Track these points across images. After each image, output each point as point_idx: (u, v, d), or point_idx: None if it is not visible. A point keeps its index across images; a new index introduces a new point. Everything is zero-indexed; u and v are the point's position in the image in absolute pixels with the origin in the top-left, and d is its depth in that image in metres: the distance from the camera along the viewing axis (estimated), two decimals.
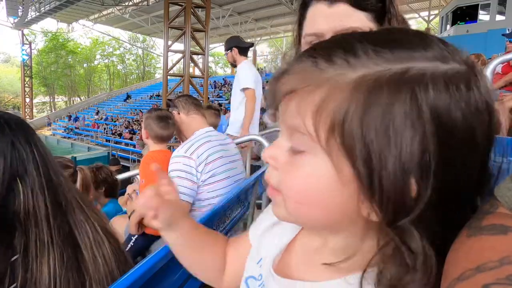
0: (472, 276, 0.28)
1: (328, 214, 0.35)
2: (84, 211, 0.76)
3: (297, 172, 0.35)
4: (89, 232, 0.74)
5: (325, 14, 0.75)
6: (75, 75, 44.50)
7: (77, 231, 0.73)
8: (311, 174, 0.34)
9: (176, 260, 0.97)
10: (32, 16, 25.88)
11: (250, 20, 26.40)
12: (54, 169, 0.75)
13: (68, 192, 0.76)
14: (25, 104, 31.89)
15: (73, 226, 0.72)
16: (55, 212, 0.70)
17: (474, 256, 0.30)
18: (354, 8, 0.74)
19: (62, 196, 0.73)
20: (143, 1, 23.08)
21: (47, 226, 0.68)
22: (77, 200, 0.77)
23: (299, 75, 0.34)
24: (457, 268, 0.30)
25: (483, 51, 7.19)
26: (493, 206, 0.35)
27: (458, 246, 0.33)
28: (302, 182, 0.35)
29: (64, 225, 0.71)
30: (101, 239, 0.75)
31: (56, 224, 0.69)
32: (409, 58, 0.31)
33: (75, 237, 0.72)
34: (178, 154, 1.71)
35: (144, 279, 0.71)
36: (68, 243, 0.70)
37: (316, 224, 0.38)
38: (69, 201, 0.74)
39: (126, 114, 25.09)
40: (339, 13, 0.74)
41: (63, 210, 0.72)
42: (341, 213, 0.35)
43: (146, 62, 47.75)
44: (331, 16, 0.75)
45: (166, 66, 12.84)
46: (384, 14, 0.76)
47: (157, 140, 1.92)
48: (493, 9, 14.78)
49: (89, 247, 0.72)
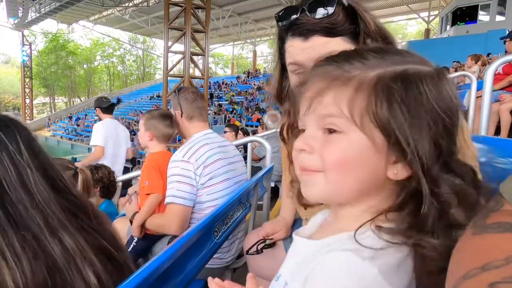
0: (478, 274, 0.28)
1: (364, 176, 0.45)
2: (71, 228, 0.72)
3: (337, 146, 0.45)
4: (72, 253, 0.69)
5: (301, 48, 0.80)
6: (75, 76, 44.54)
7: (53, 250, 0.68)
8: (349, 145, 0.44)
9: (178, 262, 0.97)
10: (32, 17, 25.90)
11: (250, 21, 26.42)
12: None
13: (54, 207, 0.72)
14: (25, 105, 31.89)
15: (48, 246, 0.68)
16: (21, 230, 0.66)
17: (479, 254, 0.30)
18: (328, 37, 0.78)
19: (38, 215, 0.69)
20: (143, 2, 23.10)
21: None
22: (66, 217, 0.72)
23: (328, 75, 0.46)
24: (462, 267, 0.30)
25: (483, 51, 7.21)
26: (498, 204, 0.35)
27: (463, 244, 0.33)
28: (343, 152, 0.44)
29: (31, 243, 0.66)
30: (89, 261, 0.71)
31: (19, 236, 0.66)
32: (404, 61, 0.46)
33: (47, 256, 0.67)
34: (177, 159, 1.69)
35: (147, 283, 0.71)
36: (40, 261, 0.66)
37: (351, 189, 0.46)
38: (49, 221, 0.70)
39: (127, 115, 25.08)
40: (314, 45, 0.79)
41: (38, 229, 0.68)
42: (373, 174, 0.45)
43: (146, 63, 47.79)
44: (307, 49, 0.79)
45: (166, 67, 12.85)
46: (358, 33, 0.79)
47: (162, 139, 1.91)
48: (493, 9, 14.78)
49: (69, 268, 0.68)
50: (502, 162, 1.10)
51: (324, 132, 0.46)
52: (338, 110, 0.44)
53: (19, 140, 0.74)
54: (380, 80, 0.43)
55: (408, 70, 0.44)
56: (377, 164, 0.44)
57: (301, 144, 0.47)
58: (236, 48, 39.38)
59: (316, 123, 0.47)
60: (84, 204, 0.79)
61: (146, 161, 1.91)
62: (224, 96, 22.92)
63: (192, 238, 1.00)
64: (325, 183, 0.46)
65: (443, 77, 0.46)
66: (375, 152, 0.44)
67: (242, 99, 21.07)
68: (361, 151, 0.44)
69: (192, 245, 1.03)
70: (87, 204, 0.80)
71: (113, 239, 0.81)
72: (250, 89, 22.99)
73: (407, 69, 0.44)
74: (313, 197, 0.49)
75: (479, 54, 6.05)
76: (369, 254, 0.40)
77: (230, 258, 1.82)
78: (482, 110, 2.23)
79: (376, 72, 0.44)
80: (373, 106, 0.43)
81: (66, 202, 0.75)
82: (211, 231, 1.29)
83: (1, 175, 0.69)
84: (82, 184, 1.93)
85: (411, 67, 0.45)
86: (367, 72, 0.44)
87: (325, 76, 0.46)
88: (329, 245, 0.45)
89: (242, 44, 37.19)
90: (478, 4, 15.13)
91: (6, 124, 0.74)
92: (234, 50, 39.50)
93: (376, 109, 0.42)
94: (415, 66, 0.45)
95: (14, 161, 0.71)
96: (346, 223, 0.47)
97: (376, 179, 0.45)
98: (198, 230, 1.05)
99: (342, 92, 0.44)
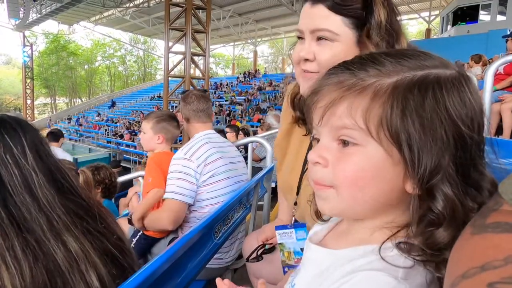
0: (477, 274, 0.28)
1: (381, 191, 0.43)
2: (75, 231, 0.72)
3: (352, 160, 0.43)
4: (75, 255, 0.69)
5: (307, 13, 0.82)
6: (76, 77, 44.56)
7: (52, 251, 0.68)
8: (366, 159, 0.42)
9: (179, 262, 0.97)
10: (33, 17, 25.94)
11: (251, 21, 26.42)
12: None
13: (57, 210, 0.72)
14: (26, 106, 31.93)
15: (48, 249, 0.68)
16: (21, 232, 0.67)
17: (478, 254, 0.30)
18: (331, 11, 0.78)
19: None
20: (143, 3, 23.12)
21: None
22: (69, 220, 0.72)
23: (340, 85, 0.44)
24: (461, 266, 0.30)
25: (484, 51, 7.18)
26: (497, 203, 0.34)
27: (462, 244, 0.33)
28: (358, 166, 0.42)
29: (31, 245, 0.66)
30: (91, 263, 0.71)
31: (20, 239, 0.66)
32: (423, 66, 0.42)
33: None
34: (178, 156, 1.73)
35: (147, 283, 0.71)
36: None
37: (366, 205, 0.44)
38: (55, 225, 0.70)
39: (128, 115, 25.11)
40: (317, 13, 0.80)
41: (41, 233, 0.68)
42: (391, 189, 0.42)
43: (147, 64, 47.80)
44: (310, 14, 0.81)
45: (167, 67, 12.86)
46: (364, 23, 0.79)
47: (171, 141, 1.96)
48: (494, 9, 14.76)
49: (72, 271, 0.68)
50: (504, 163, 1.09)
51: (339, 143, 0.44)
52: (353, 122, 0.42)
53: (25, 143, 0.73)
54: (396, 88, 0.41)
55: (427, 77, 0.41)
56: (395, 178, 0.42)
57: (315, 157, 0.45)
58: (237, 49, 39.41)
59: (330, 134, 0.45)
60: (91, 207, 0.79)
61: (149, 159, 1.93)
62: (224, 97, 22.92)
63: (192, 239, 1.00)
64: (339, 198, 0.44)
65: (468, 82, 0.42)
66: (392, 165, 0.41)
67: (242, 99, 21.07)
68: (378, 165, 0.42)
69: (193, 245, 1.03)
70: (94, 206, 0.80)
71: (119, 242, 0.81)
72: (250, 89, 22.99)
73: (427, 75, 0.41)
74: (327, 212, 0.48)
75: (481, 54, 6.03)
76: (402, 275, 0.39)
77: (230, 259, 1.83)
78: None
79: (393, 79, 0.42)
80: (388, 116, 0.40)
81: (72, 204, 0.75)
82: (212, 231, 1.29)
83: (5, 178, 0.69)
84: (83, 185, 1.94)
85: (430, 73, 0.41)
86: (383, 80, 0.42)
87: (339, 85, 0.44)
88: (350, 259, 0.43)
89: (242, 45, 37.20)
90: (479, 4, 15.11)
91: (12, 127, 0.74)
92: (235, 51, 39.52)
93: (391, 119, 0.40)
94: (435, 70, 0.42)
95: (19, 165, 0.71)
96: (364, 235, 0.46)
97: (393, 194, 0.43)
98: (198, 230, 1.05)
99: (357, 102, 0.42)
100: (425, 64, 0.42)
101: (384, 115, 0.40)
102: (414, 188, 0.41)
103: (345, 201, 0.44)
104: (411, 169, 0.40)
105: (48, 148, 0.79)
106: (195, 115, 1.88)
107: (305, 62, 0.83)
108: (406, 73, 0.42)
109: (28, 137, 0.75)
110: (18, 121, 0.76)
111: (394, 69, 0.42)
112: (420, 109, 0.39)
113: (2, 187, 0.69)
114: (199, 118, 1.88)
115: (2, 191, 0.69)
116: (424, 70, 0.42)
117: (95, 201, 0.83)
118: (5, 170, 0.70)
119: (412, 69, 0.42)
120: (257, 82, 24.60)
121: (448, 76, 0.41)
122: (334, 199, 0.45)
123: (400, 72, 0.42)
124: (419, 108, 0.40)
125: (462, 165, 0.40)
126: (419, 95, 0.40)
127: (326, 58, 0.80)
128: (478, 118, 0.42)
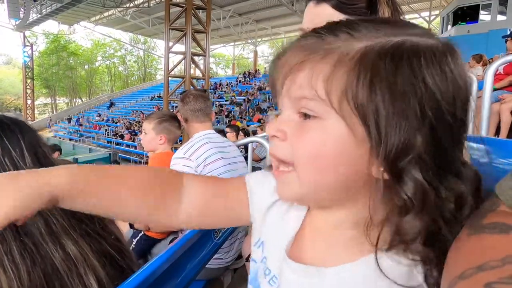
0: (474, 274, 0.28)
1: (343, 176, 0.37)
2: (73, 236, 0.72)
3: (311, 135, 0.37)
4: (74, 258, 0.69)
5: (311, 12, 0.83)
6: (77, 77, 44.57)
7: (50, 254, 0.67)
8: (325, 135, 0.36)
9: (178, 262, 0.97)
10: (33, 18, 25.94)
11: (251, 21, 26.41)
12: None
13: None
14: (27, 106, 31.95)
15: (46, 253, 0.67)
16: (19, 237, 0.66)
17: (475, 255, 0.30)
18: (335, 10, 0.79)
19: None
20: (144, 3, 23.12)
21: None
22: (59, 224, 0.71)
23: (306, 47, 0.38)
24: (458, 267, 0.30)
25: (484, 51, 7.17)
26: (494, 204, 0.34)
27: (459, 245, 0.33)
28: (318, 144, 0.37)
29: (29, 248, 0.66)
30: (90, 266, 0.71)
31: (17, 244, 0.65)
32: (403, 33, 0.36)
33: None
34: (178, 156, 1.74)
35: (147, 283, 0.71)
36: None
37: (329, 190, 0.39)
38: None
39: (128, 115, 25.11)
40: (321, 12, 0.80)
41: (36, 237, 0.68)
42: (354, 174, 0.37)
43: (147, 64, 47.81)
44: (314, 14, 0.82)
45: (167, 67, 12.86)
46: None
47: (173, 141, 1.96)
48: (494, 9, 14.74)
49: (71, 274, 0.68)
50: (502, 163, 1.10)
51: (300, 116, 0.38)
52: (312, 91, 0.36)
53: (23, 146, 0.73)
54: (366, 54, 0.35)
55: (403, 43, 0.35)
56: (359, 159, 0.36)
57: (272, 130, 0.40)
58: (237, 49, 39.41)
59: (291, 106, 0.39)
60: None
61: (151, 159, 1.94)
62: (224, 97, 22.92)
63: (192, 239, 1.00)
64: (299, 182, 0.39)
65: (452, 54, 0.36)
66: (356, 144, 0.36)
67: (242, 99, 21.07)
68: (339, 142, 0.36)
69: (192, 245, 1.03)
70: None
71: (118, 243, 0.81)
72: (250, 89, 22.99)
73: (404, 41, 0.35)
74: (287, 197, 0.43)
75: (481, 54, 6.03)
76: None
77: (230, 259, 1.83)
78: (482, 110, 2.23)
79: (362, 44, 0.35)
80: (353, 86, 0.34)
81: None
82: (211, 231, 1.29)
83: None
84: None
85: (410, 39, 0.35)
86: (352, 45, 0.36)
87: (302, 49, 0.38)
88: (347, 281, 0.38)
89: (243, 45, 37.20)
90: (479, 3, 15.10)
91: (10, 128, 0.73)
92: (235, 51, 39.52)
93: (356, 90, 0.34)
94: (415, 38, 0.36)
95: (17, 168, 0.70)
96: (347, 245, 0.40)
97: (358, 178, 0.37)
98: (198, 230, 1.05)
99: (318, 69, 0.36)
100: (405, 32, 0.36)
101: (349, 85, 0.35)
102: (381, 171, 0.36)
103: (306, 185, 0.39)
104: (377, 149, 0.35)
105: (47, 149, 0.78)
106: (192, 115, 1.88)
107: None
108: (381, 38, 0.35)
109: (26, 138, 0.74)
110: (16, 122, 0.76)
111: (367, 33, 0.36)
112: (391, 79, 0.34)
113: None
114: (197, 117, 1.88)
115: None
116: (402, 37, 0.35)
117: None
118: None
119: (388, 35, 0.36)
120: (257, 82, 24.59)
121: (429, 45, 0.35)
122: (295, 183, 0.39)
123: (373, 37, 0.36)
124: (391, 78, 0.34)
125: (439, 147, 0.35)
126: (392, 63, 0.34)
127: None
128: (462, 95, 0.36)
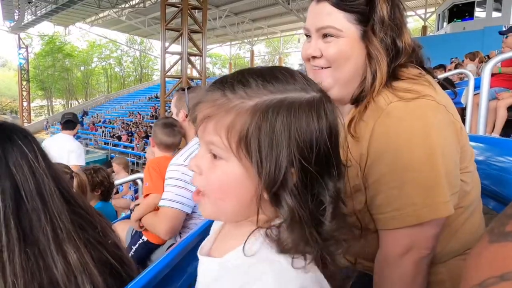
0: (496, 283, 0.27)
1: (241, 200, 0.49)
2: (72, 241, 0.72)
3: (218, 172, 0.49)
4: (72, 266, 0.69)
5: (313, 10, 0.84)
6: (73, 78, 44.39)
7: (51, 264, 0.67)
8: (227, 173, 0.48)
9: (178, 266, 0.97)
10: (28, 19, 25.81)
11: (247, 21, 26.39)
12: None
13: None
14: (23, 108, 31.80)
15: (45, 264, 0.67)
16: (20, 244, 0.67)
17: (498, 263, 0.29)
18: (334, 7, 0.80)
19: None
20: (139, 3, 23.05)
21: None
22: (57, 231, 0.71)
23: (212, 103, 0.48)
24: (478, 274, 0.29)
25: (480, 48, 7.20)
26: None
27: (480, 251, 0.32)
28: (222, 179, 0.49)
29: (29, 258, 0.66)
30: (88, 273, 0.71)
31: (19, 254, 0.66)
32: (285, 90, 0.47)
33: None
34: (177, 162, 1.66)
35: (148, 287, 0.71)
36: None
37: (233, 212, 0.51)
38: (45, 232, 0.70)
39: (125, 116, 25.05)
40: (322, 10, 0.82)
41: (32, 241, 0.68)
42: (249, 199, 0.48)
43: (144, 64, 47.68)
44: (315, 12, 0.83)
45: (164, 67, 12.84)
46: (368, 18, 0.80)
47: (162, 148, 1.90)
48: (489, 6, 14.80)
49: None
50: (500, 161, 1.10)
51: (211, 155, 0.50)
52: (218, 139, 0.47)
53: (36, 149, 0.76)
54: (256, 110, 0.46)
55: (283, 101, 0.46)
56: (252, 188, 0.47)
57: (192, 165, 0.51)
58: (234, 48, 39.35)
59: (204, 146, 0.50)
60: (91, 216, 0.79)
61: (148, 163, 1.92)
62: None
63: (192, 242, 1.00)
64: (210, 205, 0.51)
65: (320, 106, 0.48)
66: (249, 179, 0.47)
67: None
68: (237, 178, 0.48)
69: (192, 249, 1.03)
70: (94, 215, 0.81)
71: (118, 251, 0.81)
72: None
73: (285, 98, 0.46)
74: (206, 216, 0.54)
75: (476, 52, 6.07)
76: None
77: None
78: (480, 108, 2.24)
79: (254, 102, 0.46)
80: (244, 135, 0.46)
81: (74, 214, 0.76)
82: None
83: (20, 184, 0.70)
84: (77, 188, 1.92)
85: (289, 96, 0.47)
86: (245, 102, 0.47)
87: (211, 103, 0.48)
88: (236, 265, 0.48)
89: (239, 44, 37.16)
90: (474, 0, 15.14)
91: (24, 135, 0.77)
92: (232, 50, 39.48)
93: (246, 137, 0.46)
94: (293, 94, 0.47)
95: (33, 170, 0.73)
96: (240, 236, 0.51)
97: (254, 201, 0.48)
98: (198, 234, 1.05)
99: (222, 121, 0.47)
100: (286, 88, 0.47)
101: (243, 134, 0.46)
102: (267, 196, 0.47)
103: (214, 208, 0.51)
104: (261, 181, 0.46)
105: (49, 156, 0.81)
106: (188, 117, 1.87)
107: (314, 59, 0.85)
108: (267, 96, 0.46)
109: (37, 144, 0.78)
110: (25, 130, 0.79)
111: (257, 91, 0.47)
112: (270, 129, 0.45)
113: (17, 194, 0.70)
114: (189, 125, 1.86)
115: (17, 197, 0.70)
116: (283, 94, 0.47)
117: (95, 209, 0.83)
118: (21, 175, 0.71)
119: (273, 93, 0.47)
120: None
121: (302, 101, 0.47)
122: (207, 206, 0.51)
123: (261, 95, 0.47)
124: (270, 129, 0.45)
125: (307, 178, 0.47)
126: (272, 117, 0.45)
127: (332, 54, 0.82)
128: (322, 140, 0.47)
